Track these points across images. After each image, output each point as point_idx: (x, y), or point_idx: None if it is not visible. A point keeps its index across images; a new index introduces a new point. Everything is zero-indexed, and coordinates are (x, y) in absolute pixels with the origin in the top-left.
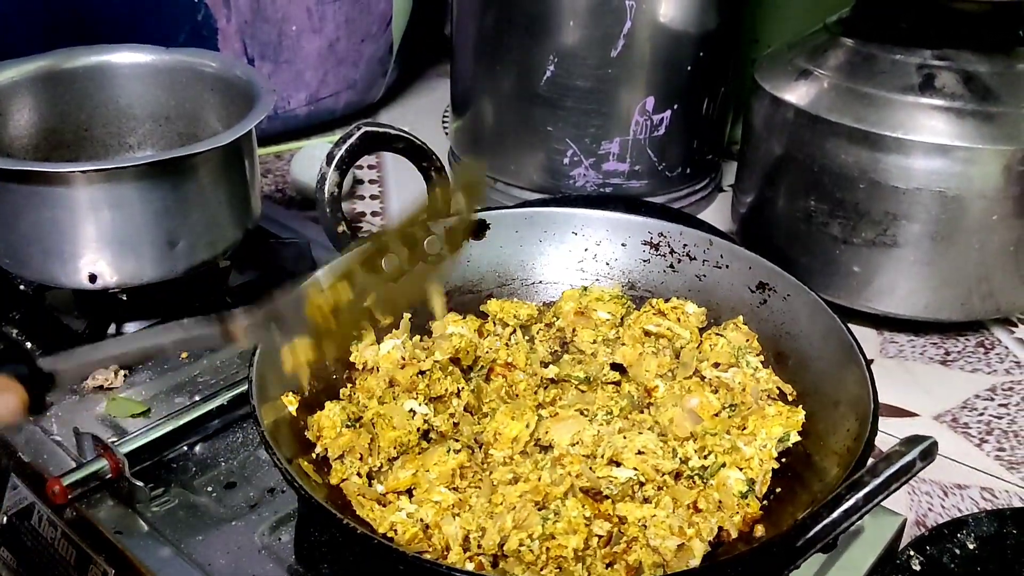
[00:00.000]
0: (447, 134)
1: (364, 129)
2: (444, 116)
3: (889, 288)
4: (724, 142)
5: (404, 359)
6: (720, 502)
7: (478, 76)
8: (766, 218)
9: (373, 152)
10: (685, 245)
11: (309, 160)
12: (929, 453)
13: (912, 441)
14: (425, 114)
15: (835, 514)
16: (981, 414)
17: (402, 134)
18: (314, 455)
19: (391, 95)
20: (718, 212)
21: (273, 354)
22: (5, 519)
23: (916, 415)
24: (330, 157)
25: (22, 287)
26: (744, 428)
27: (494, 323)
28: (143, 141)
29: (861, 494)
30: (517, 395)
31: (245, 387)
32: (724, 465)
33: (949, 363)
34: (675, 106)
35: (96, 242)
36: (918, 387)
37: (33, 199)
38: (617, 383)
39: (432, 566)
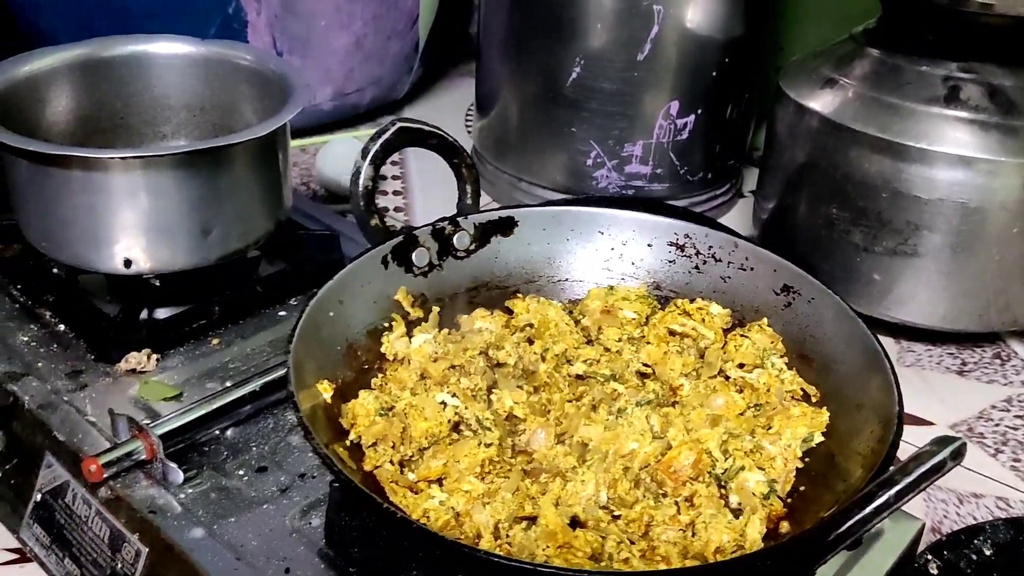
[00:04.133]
0: (470, 133)
1: (399, 124)
2: (467, 115)
3: (908, 297)
4: (746, 148)
5: (436, 353)
6: (740, 504)
7: (503, 76)
8: (787, 224)
9: (406, 147)
10: (711, 247)
11: (334, 155)
12: (959, 453)
13: (942, 441)
14: (448, 112)
15: (867, 510)
16: (997, 424)
17: (435, 131)
18: (348, 442)
19: (415, 93)
20: (738, 217)
21: (311, 340)
22: (39, 496)
23: (932, 424)
24: (365, 151)
25: (55, 271)
26: (769, 428)
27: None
28: (177, 131)
29: (893, 491)
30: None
31: (277, 374)
32: (743, 468)
33: (966, 373)
34: (699, 111)
35: (132, 228)
36: (934, 396)
37: (72, 184)
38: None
39: (471, 550)
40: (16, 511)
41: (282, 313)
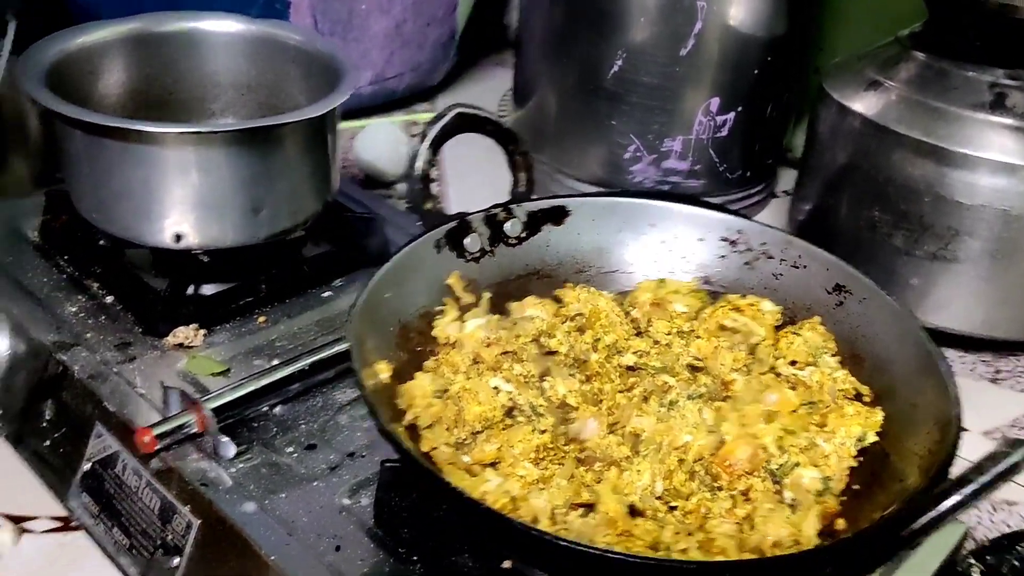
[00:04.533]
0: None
1: (457, 110)
2: (501, 104)
3: (945, 303)
4: (782, 147)
5: (489, 339)
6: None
7: (543, 67)
8: (826, 225)
9: (464, 133)
10: (763, 243)
11: (373, 139)
12: None
13: (1015, 444)
14: (482, 101)
15: (943, 507)
16: None
17: (492, 118)
18: (404, 423)
19: (449, 80)
20: (771, 216)
21: (369, 320)
22: (88, 465)
23: (965, 430)
24: (424, 136)
25: (101, 242)
26: (823, 426)
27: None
28: (225, 108)
29: (969, 490)
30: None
31: (326, 353)
32: (798, 464)
33: (999, 381)
34: (739, 108)
35: (184, 203)
36: (967, 403)
37: (127, 156)
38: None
39: (540, 534)
40: (64, 480)
41: (326, 294)
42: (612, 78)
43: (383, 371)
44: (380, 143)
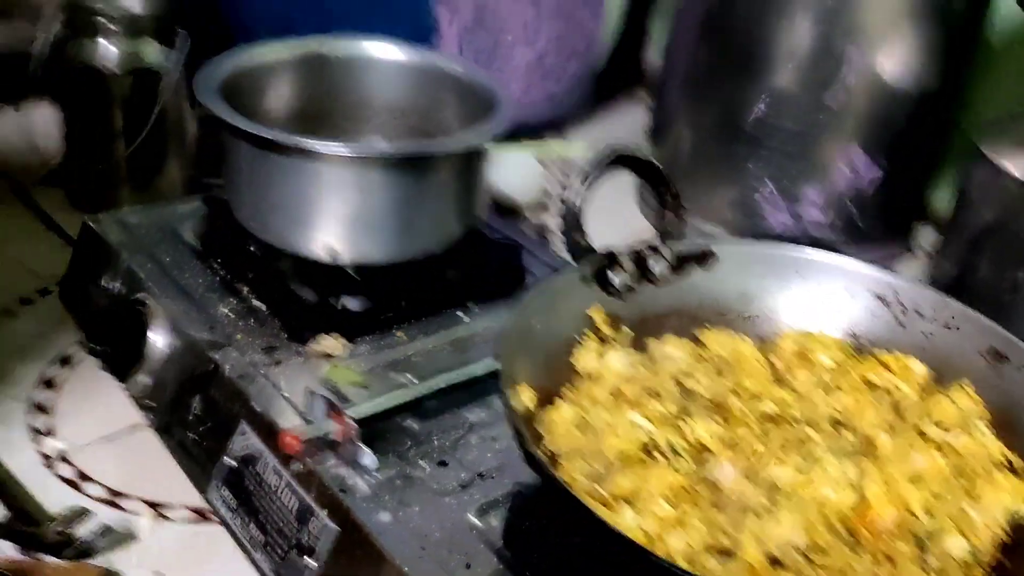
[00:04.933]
0: None
1: (617, 150)
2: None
3: None
4: (922, 203)
5: (630, 374)
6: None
7: (683, 105)
8: (969, 286)
9: (617, 170)
10: (915, 301)
11: (506, 168)
12: None
13: None
14: (613, 137)
15: None
16: None
17: (649, 158)
18: (547, 451)
19: (581, 114)
20: (907, 272)
21: (518, 345)
22: (231, 461)
23: None
24: (582, 173)
25: (251, 248)
26: (973, 494)
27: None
28: (376, 130)
29: None
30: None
31: (463, 374)
32: (946, 532)
33: None
34: (882, 161)
35: (339, 219)
36: None
37: (290, 170)
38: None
39: (688, 575)
40: (206, 472)
41: (459, 314)
42: (753, 121)
43: (527, 397)
44: (513, 171)
